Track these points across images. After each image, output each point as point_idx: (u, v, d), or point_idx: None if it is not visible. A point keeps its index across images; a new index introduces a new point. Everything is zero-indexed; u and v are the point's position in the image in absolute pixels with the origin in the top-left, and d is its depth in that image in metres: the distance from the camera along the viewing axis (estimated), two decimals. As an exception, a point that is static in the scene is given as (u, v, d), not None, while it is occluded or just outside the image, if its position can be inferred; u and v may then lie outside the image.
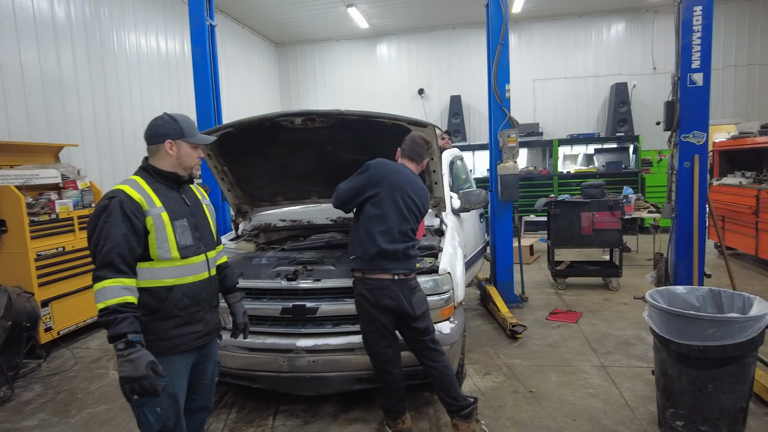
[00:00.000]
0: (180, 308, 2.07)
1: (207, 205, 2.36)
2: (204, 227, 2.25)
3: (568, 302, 5.60)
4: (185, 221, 2.11)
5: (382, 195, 2.84)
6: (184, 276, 2.08)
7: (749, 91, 10.17)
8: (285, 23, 10.37)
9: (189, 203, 2.20)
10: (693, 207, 3.86)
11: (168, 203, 2.09)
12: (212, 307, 2.25)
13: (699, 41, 3.83)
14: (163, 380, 1.99)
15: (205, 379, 2.32)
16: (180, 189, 2.20)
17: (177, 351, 2.08)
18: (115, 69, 6.58)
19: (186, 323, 2.10)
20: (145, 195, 2.04)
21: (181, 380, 2.14)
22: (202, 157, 2.22)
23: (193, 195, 2.28)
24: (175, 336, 2.07)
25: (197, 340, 2.15)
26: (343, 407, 3.43)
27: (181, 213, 2.12)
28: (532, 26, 10.77)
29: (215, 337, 2.31)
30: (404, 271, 2.85)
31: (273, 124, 3.40)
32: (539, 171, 10.32)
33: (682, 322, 2.72)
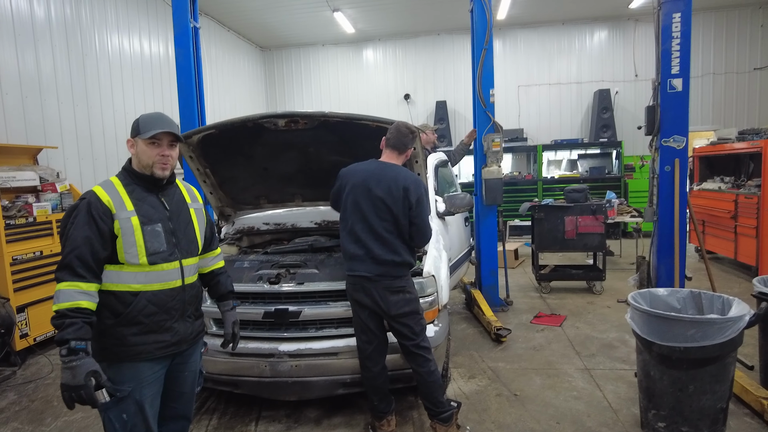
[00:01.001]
0: (144, 315, 1.98)
1: (197, 209, 2.25)
2: (185, 233, 2.14)
3: (552, 306, 5.63)
4: (158, 226, 2.02)
5: (345, 198, 2.97)
6: (151, 283, 1.99)
7: (727, 98, 10.39)
8: (271, 27, 10.34)
9: (168, 207, 2.10)
10: (674, 210, 3.91)
11: (142, 207, 2.01)
12: (186, 316, 2.12)
13: (678, 47, 3.90)
14: (128, 386, 1.95)
15: (183, 388, 2.23)
16: (160, 192, 2.10)
17: (140, 358, 1.99)
18: (97, 70, 6.47)
19: (150, 331, 2.00)
20: (116, 197, 1.98)
21: (149, 387, 2.04)
22: (167, 155, 2.05)
23: (178, 198, 2.17)
24: (138, 343, 1.98)
25: (162, 350, 2.04)
26: (326, 412, 3.39)
27: (155, 217, 2.03)
28: (516, 33, 10.89)
29: (188, 347, 2.17)
30: (369, 274, 2.84)
31: (256, 126, 3.37)
32: (524, 176, 10.40)
33: (664, 323, 2.74)
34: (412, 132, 3.07)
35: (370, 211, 2.88)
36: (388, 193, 2.87)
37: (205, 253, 2.36)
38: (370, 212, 2.88)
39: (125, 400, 1.95)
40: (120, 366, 1.97)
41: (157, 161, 2.03)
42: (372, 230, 2.87)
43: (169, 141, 2.06)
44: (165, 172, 2.07)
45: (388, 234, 2.87)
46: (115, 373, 1.96)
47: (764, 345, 3.34)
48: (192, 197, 2.26)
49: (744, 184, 6.80)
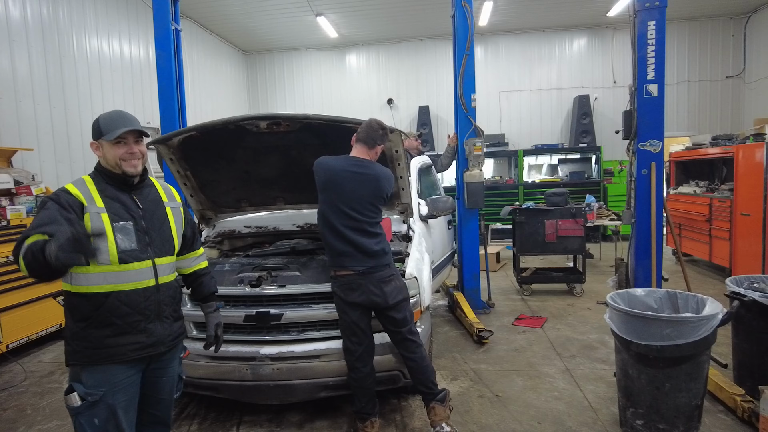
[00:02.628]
0: (117, 316, 1.92)
1: (174, 207, 2.20)
2: (159, 232, 2.08)
3: (534, 308, 5.69)
4: (129, 224, 1.97)
5: (322, 193, 2.97)
6: (122, 282, 1.93)
7: (701, 105, 10.67)
8: (253, 31, 10.30)
9: (141, 205, 2.05)
10: (651, 212, 4.00)
11: (112, 205, 1.97)
12: (162, 317, 2.06)
13: (653, 54, 4.00)
14: (99, 390, 1.90)
15: (161, 394, 2.17)
16: (133, 190, 2.06)
17: (114, 361, 1.93)
18: (75, 72, 6.37)
19: (123, 332, 1.94)
20: (86, 192, 1.94)
21: (123, 392, 1.97)
22: (135, 153, 2.00)
23: (153, 197, 2.13)
24: (111, 345, 1.92)
25: (137, 352, 1.98)
26: (308, 416, 3.37)
27: (126, 215, 1.98)
28: (498, 39, 11.04)
29: (166, 350, 2.09)
30: (362, 267, 2.89)
31: (237, 128, 3.35)
32: (505, 180, 10.52)
33: (641, 323, 2.80)
34: (383, 128, 3.06)
35: (351, 205, 2.90)
36: (366, 186, 2.93)
37: (187, 254, 2.33)
38: (352, 207, 2.90)
39: (97, 405, 1.90)
40: (93, 369, 1.92)
41: (126, 159, 1.99)
42: (356, 225, 2.90)
43: (134, 138, 2.02)
44: (136, 169, 2.03)
45: (371, 227, 2.94)
46: (87, 377, 1.91)
47: (737, 343, 3.42)
48: (169, 196, 2.21)
49: (718, 188, 6.98)
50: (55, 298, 4.97)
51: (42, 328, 4.81)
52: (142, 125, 2.05)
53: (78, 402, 1.88)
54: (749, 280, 3.47)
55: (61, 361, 4.56)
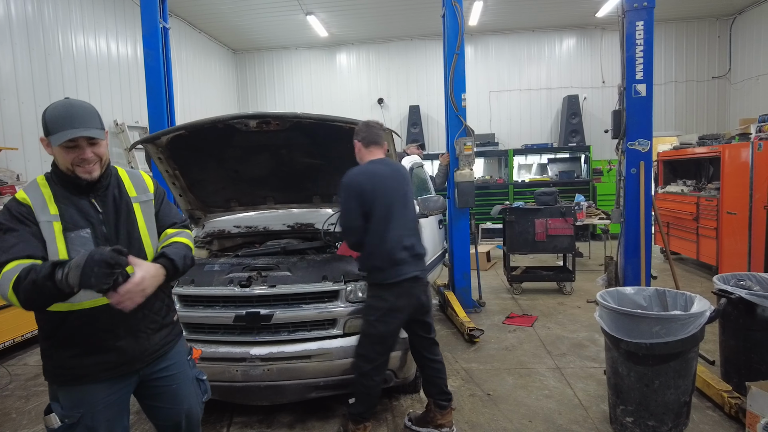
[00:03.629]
0: (80, 337, 1.73)
1: (144, 201, 1.92)
2: (125, 236, 1.82)
3: (524, 307, 5.71)
4: (86, 231, 1.72)
5: (372, 204, 2.78)
6: (80, 301, 1.68)
7: (688, 105, 10.80)
8: (243, 30, 10.23)
9: (102, 209, 1.80)
10: (640, 211, 4.03)
11: (67, 210, 1.73)
12: (136, 332, 1.83)
13: (642, 54, 4.03)
14: (77, 412, 1.75)
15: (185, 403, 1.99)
16: (92, 192, 1.80)
17: (84, 382, 1.76)
18: (61, 71, 6.28)
19: (90, 353, 1.75)
20: (37, 198, 1.72)
21: (104, 411, 1.80)
22: (88, 158, 1.73)
23: (118, 195, 1.86)
24: (77, 366, 1.74)
25: (108, 372, 1.78)
26: (299, 417, 3.35)
27: (82, 222, 1.73)
28: (488, 39, 11.08)
29: (142, 366, 1.87)
30: (417, 272, 2.88)
31: (226, 127, 3.32)
32: (495, 180, 10.56)
33: (631, 320, 2.82)
34: (380, 125, 3.08)
35: (402, 209, 2.88)
36: (405, 183, 2.97)
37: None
38: (403, 211, 2.88)
39: (75, 427, 1.76)
40: (69, 389, 1.78)
41: (80, 164, 1.73)
42: (411, 226, 2.93)
43: (87, 140, 1.72)
44: (93, 175, 1.76)
45: (416, 227, 2.99)
46: (64, 397, 1.77)
47: (724, 340, 3.46)
48: (139, 188, 1.94)
49: (705, 188, 7.06)
50: (41, 300, 4.89)
51: (27, 331, 4.74)
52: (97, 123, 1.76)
53: (57, 423, 1.74)
54: (736, 278, 3.51)
55: (47, 364, 4.50)
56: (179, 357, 2.02)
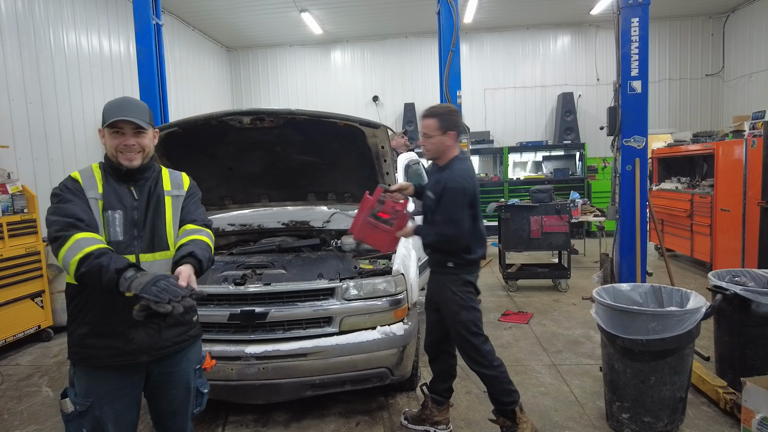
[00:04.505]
0: (93, 315, 1.81)
1: (176, 196, 2.00)
2: (151, 225, 1.91)
3: (519, 304, 5.71)
4: (118, 213, 1.86)
5: (478, 203, 2.85)
6: None
7: (682, 102, 10.84)
8: (237, 27, 10.17)
9: (137, 196, 1.91)
10: (635, 207, 4.03)
11: (108, 192, 1.88)
12: (148, 323, 1.83)
13: (637, 50, 4.03)
14: (87, 400, 1.82)
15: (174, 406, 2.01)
16: (132, 182, 1.92)
17: (91, 364, 1.83)
18: (52, 68, 6.21)
19: (100, 334, 1.81)
20: (88, 178, 1.89)
21: (114, 403, 1.85)
22: (131, 144, 1.86)
23: (155, 188, 1.96)
24: (89, 346, 1.82)
25: (114, 359, 1.82)
26: (295, 415, 3.33)
27: (118, 205, 1.87)
28: (483, 37, 11.07)
29: (149, 359, 1.89)
30: None
31: (220, 124, 3.29)
32: (490, 178, 10.56)
33: (627, 317, 2.82)
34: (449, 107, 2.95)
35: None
36: None
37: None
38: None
39: (85, 415, 1.82)
40: (82, 373, 1.86)
41: (120, 151, 1.86)
42: None
43: (133, 129, 1.87)
44: (132, 163, 1.88)
45: None
46: (78, 383, 1.86)
47: (719, 336, 3.47)
48: (175, 184, 2.04)
49: (699, 184, 7.09)
50: (33, 299, 4.85)
51: (20, 330, 4.69)
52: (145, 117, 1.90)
53: (70, 408, 1.82)
54: (731, 274, 3.53)
55: (39, 365, 4.46)
56: (188, 366, 2.02)
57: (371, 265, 3.35)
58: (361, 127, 3.30)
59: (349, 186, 4.04)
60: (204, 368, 2.11)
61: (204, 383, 2.12)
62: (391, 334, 3.07)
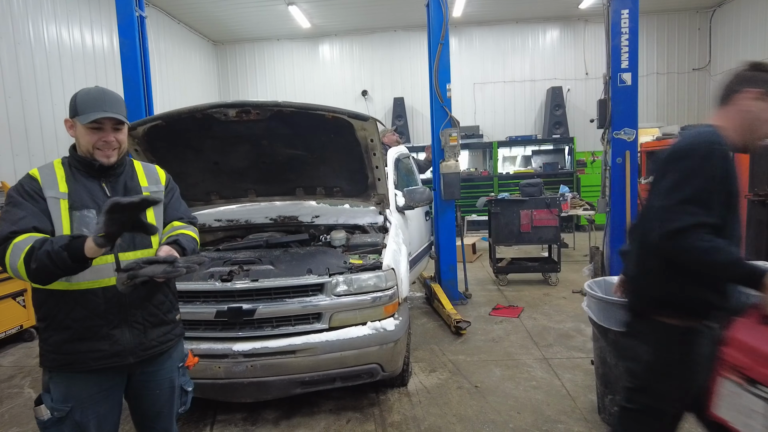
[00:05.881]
0: (72, 319, 1.72)
1: (155, 193, 1.92)
2: None
3: (510, 298, 5.70)
4: (91, 212, 1.74)
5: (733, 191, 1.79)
6: (78, 281, 1.69)
7: (670, 97, 10.92)
8: (223, 20, 10.02)
9: (110, 194, 1.80)
10: (626, 199, 4.03)
11: (77, 190, 1.76)
12: (131, 323, 1.79)
13: (627, 43, 4.02)
14: (66, 405, 1.73)
15: (158, 407, 1.95)
16: (104, 177, 1.82)
17: (74, 370, 1.74)
18: (32, 61, 6.06)
19: (82, 338, 1.72)
20: (48, 176, 1.75)
21: (95, 407, 1.78)
22: (111, 142, 1.78)
23: (129, 183, 1.88)
24: (70, 352, 1.73)
25: (99, 362, 1.74)
26: (285, 413, 3.28)
27: (89, 203, 1.76)
28: (472, 31, 11.03)
29: (136, 360, 1.82)
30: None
31: (205, 117, 3.21)
32: (480, 172, 10.54)
33: (619, 309, 2.78)
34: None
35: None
36: None
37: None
38: None
39: (64, 421, 1.73)
40: (59, 379, 1.77)
41: (101, 148, 1.77)
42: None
43: (113, 124, 1.78)
44: (110, 160, 1.79)
45: None
46: (54, 389, 1.76)
47: (710, 328, 3.47)
48: (151, 179, 1.97)
49: (687, 178, 7.12)
50: (15, 299, 4.73)
51: (1, 331, 4.58)
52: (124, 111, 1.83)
53: (46, 415, 1.73)
54: (720, 266, 3.52)
55: (21, 365, 4.36)
56: (171, 364, 1.97)
57: (361, 260, 3.29)
58: (349, 120, 3.24)
59: (339, 180, 3.98)
60: (187, 366, 2.06)
61: (188, 381, 2.06)
62: (381, 329, 3.02)
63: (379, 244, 3.56)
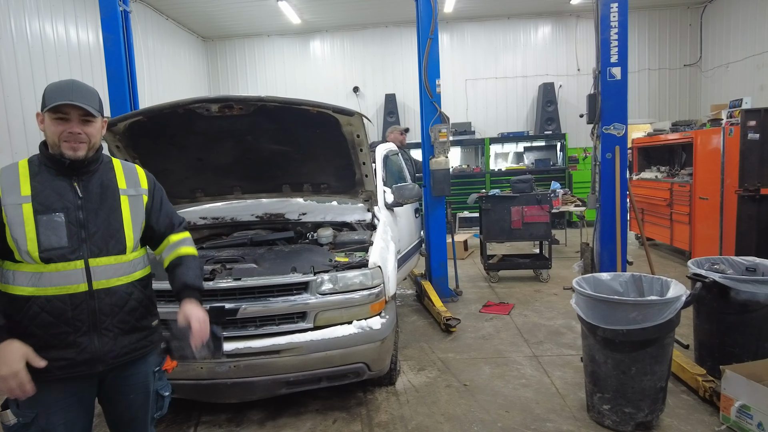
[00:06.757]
0: (38, 326, 1.64)
1: (134, 196, 1.84)
2: (103, 226, 1.73)
3: (501, 295, 5.67)
4: (59, 216, 1.66)
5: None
6: (44, 286, 1.63)
7: (661, 92, 10.92)
8: (212, 16, 9.89)
9: (82, 194, 1.71)
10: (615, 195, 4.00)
11: (42, 192, 1.67)
12: (101, 329, 1.71)
13: (616, 37, 3.98)
14: (31, 412, 1.66)
15: (132, 412, 1.88)
16: (75, 175, 1.72)
17: (38, 379, 1.63)
18: (14, 56, 5.93)
19: (47, 346, 1.64)
20: (10, 179, 1.67)
21: (62, 413, 1.71)
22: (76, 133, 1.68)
23: (105, 183, 1.79)
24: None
25: (65, 370, 1.67)
26: (270, 414, 3.23)
27: (57, 205, 1.67)
28: (464, 27, 10.97)
29: (105, 368, 1.75)
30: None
31: (187, 112, 3.13)
32: (472, 169, 10.51)
33: (607, 307, 2.76)
34: None
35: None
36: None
37: (159, 247, 1.99)
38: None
39: (30, 427, 1.67)
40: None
41: (64, 139, 1.66)
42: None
43: (80, 115, 1.67)
44: (77, 153, 1.68)
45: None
46: None
47: (698, 324, 3.46)
48: (131, 181, 1.86)
49: (678, 173, 7.12)
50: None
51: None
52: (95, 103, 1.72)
53: (12, 420, 1.66)
54: (710, 262, 3.51)
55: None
56: (146, 368, 1.89)
57: (347, 258, 3.24)
58: (334, 115, 3.18)
59: (326, 177, 3.92)
60: (165, 370, 1.97)
61: (165, 386, 1.98)
62: (367, 328, 2.98)
63: (366, 241, 3.51)
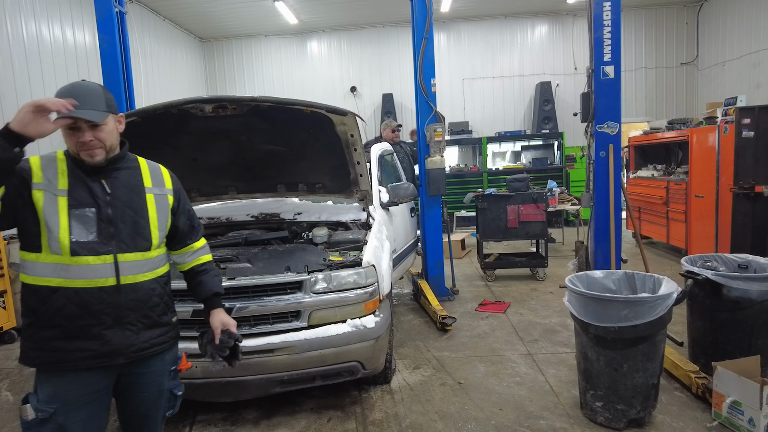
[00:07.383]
0: (63, 317, 1.68)
1: (159, 195, 1.90)
2: (130, 223, 1.79)
3: (497, 293, 5.69)
4: (90, 211, 1.72)
5: None
6: (73, 278, 1.67)
7: (658, 91, 10.93)
8: (210, 17, 9.91)
9: (110, 191, 1.77)
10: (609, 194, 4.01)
11: (75, 188, 1.72)
12: (124, 324, 1.76)
13: (609, 35, 4.00)
14: (50, 407, 1.67)
15: (144, 409, 1.91)
16: (103, 175, 1.78)
17: (61, 368, 1.69)
18: (10, 59, 5.94)
19: (72, 337, 1.69)
20: (49, 169, 1.71)
21: (80, 410, 1.73)
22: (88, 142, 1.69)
23: (131, 181, 1.84)
24: (58, 349, 1.69)
25: (88, 361, 1.71)
26: (265, 413, 3.24)
27: (88, 201, 1.73)
28: (460, 26, 10.99)
29: (126, 361, 1.78)
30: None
31: (181, 113, 3.15)
32: (470, 168, 10.52)
33: (599, 305, 2.78)
34: None
35: None
36: None
37: (181, 249, 2.05)
38: None
39: (47, 423, 1.68)
40: (45, 379, 1.72)
41: (80, 149, 1.71)
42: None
43: (88, 123, 1.69)
44: (95, 159, 1.73)
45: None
46: (41, 389, 1.72)
47: (691, 321, 3.47)
48: (156, 181, 1.92)
49: (674, 171, 7.14)
50: (-6, 300, 4.65)
51: (-21, 332, 4.50)
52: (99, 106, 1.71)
53: (31, 415, 1.68)
54: (702, 259, 3.52)
55: (0, 368, 4.29)
56: (162, 367, 1.93)
57: (341, 257, 3.26)
58: (328, 115, 3.19)
59: (321, 176, 3.93)
60: (179, 369, 2.01)
61: (178, 385, 2.01)
62: (361, 327, 2.99)
63: (360, 240, 3.52)
